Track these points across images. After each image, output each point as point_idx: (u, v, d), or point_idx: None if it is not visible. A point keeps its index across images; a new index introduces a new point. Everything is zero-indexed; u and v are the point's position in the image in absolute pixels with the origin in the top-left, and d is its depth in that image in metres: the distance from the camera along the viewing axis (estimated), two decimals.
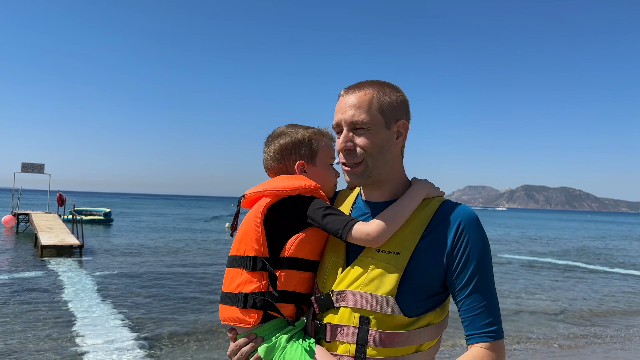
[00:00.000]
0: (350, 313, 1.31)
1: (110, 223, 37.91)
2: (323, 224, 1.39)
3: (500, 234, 42.39)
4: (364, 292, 1.30)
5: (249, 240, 1.41)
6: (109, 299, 11.24)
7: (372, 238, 1.33)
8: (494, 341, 1.29)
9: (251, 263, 1.39)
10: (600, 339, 9.30)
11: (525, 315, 11.09)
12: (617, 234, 52.03)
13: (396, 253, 1.32)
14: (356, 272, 1.34)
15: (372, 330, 1.28)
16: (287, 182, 1.46)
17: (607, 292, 14.66)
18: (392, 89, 1.43)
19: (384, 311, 1.28)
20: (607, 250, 30.44)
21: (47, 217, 27.36)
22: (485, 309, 1.30)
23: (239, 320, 1.39)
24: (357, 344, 1.29)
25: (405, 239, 1.34)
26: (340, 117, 1.39)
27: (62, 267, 15.71)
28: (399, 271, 1.30)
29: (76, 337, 8.23)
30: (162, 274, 15.18)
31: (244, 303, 1.37)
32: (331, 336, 1.33)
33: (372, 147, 1.36)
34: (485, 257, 1.33)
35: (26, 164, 31.77)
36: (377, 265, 1.32)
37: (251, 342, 1.38)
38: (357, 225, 1.35)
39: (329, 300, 1.35)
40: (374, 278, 1.31)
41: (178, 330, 8.84)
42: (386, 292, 1.29)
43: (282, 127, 1.62)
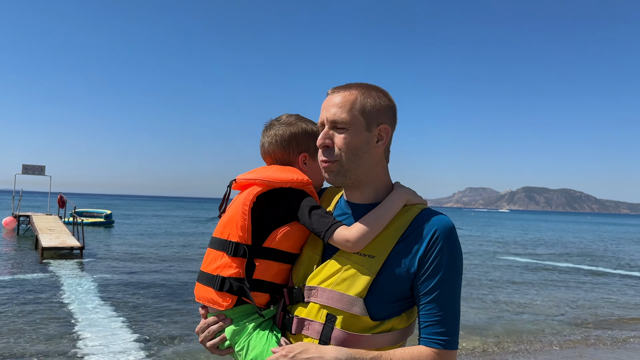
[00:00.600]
0: (319, 309, 1.34)
1: (112, 225, 37.88)
2: (309, 222, 1.41)
3: (504, 236, 42.32)
4: (335, 290, 1.33)
5: (234, 226, 1.43)
6: (109, 301, 11.23)
7: (352, 244, 1.35)
8: (443, 349, 1.29)
9: (233, 248, 1.41)
10: (600, 342, 9.28)
11: (525, 317, 11.07)
12: (619, 235, 51.94)
13: (371, 257, 1.34)
14: (330, 270, 1.37)
15: (336, 329, 1.31)
16: (280, 174, 1.48)
17: (608, 294, 14.65)
18: (379, 92, 1.43)
19: (352, 311, 1.31)
20: (609, 252, 30.40)
21: (47, 219, 27.34)
22: (443, 319, 1.31)
23: (212, 302, 1.43)
24: (321, 340, 1.32)
25: (381, 244, 1.36)
26: (323, 114, 1.41)
27: (62, 269, 15.70)
28: (372, 274, 1.32)
29: (77, 339, 8.22)
30: (163, 275, 15.17)
31: (221, 286, 1.40)
32: (297, 329, 1.37)
33: (348, 147, 1.37)
34: (453, 268, 1.33)
35: (27, 166, 31.75)
36: (351, 267, 1.35)
37: (220, 321, 1.44)
38: (339, 230, 1.37)
39: (300, 294, 1.39)
40: (346, 278, 1.33)
41: (179, 332, 8.83)
42: (356, 293, 1.31)
43: (291, 116, 1.63)
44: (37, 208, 45.42)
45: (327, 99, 1.43)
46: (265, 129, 1.63)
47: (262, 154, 1.63)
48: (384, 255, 1.34)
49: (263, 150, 1.63)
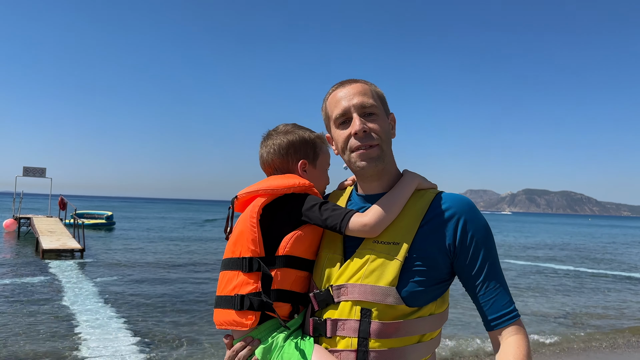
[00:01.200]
0: (351, 306, 1.30)
1: (112, 227, 37.87)
2: (321, 219, 1.39)
3: (509, 239, 42.26)
4: (365, 284, 1.29)
5: (245, 242, 1.40)
6: (110, 303, 11.22)
7: (370, 228, 1.33)
8: (518, 320, 1.32)
9: (247, 264, 1.38)
10: (602, 345, 9.26)
11: (526, 319, 11.05)
12: (621, 238, 51.85)
13: (395, 243, 1.32)
14: (355, 265, 1.33)
15: (374, 322, 1.27)
16: (281, 181, 1.47)
17: (609, 297, 14.61)
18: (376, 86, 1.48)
19: (386, 302, 1.27)
20: (610, 254, 30.35)
21: (48, 221, 27.34)
22: (502, 292, 1.32)
23: (235, 324, 1.37)
24: (359, 337, 1.27)
25: (403, 229, 1.34)
26: (346, 104, 1.38)
27: (63, 271, 15.70)
28: (399, 261, 1.30)
29: (77, 341, 8.22)
30: (163, 277, 15.17)
31: (241, 305, 1.36)
32: (331, 332, 1.31)
33: (383, 131, 1.39)
34: (491, 242, 1.35)
35: (28, 168, 31.77)
36: (376, 257, 1.32)
37: (248, 345, 1.36)
38: (354, 217, 1.35)
39: (328, 296, 1.34)
40: (374, 269, 1.30)
41: (179, 334, 8.82)
42: (387, 282, 1.28)
43: (287, 125, 1.63)
44: (37, 210, 45.49)
45: (340, 91, 1.41)
46: (264, 140, 1.62)
47: (262, 164, 1.62)
48: (408, 239, 1.32)
49: (262, 161, 1.61)
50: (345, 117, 1.39)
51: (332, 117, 1.43)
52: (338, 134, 1.41)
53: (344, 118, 1.39)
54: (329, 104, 1.44)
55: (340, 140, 1.41)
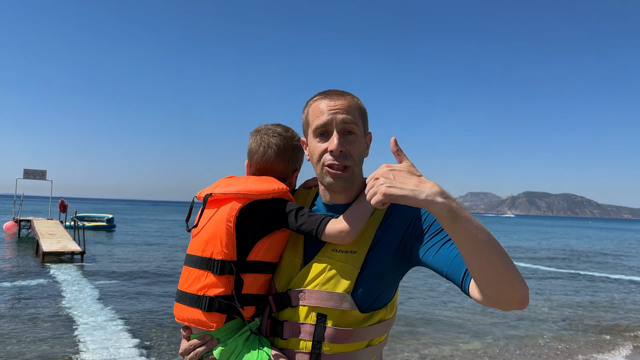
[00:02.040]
0: (308, 311, 1.35)
1: (113, 229, 37.89)
2: (297, 225, 1.41)
3: (513, 242, 42.19)
4: (322, 290, 1.35)
5: (218, 244, 1.39)
6: (110, 306, 11.23)
7: (346, 234, 1.36)
8: None
9: (219, 267, 1.37)
10: (602, 347, 9.25)
11: (526, 322, 11.03)
12: (621, 241, 51.80)
13: (353, 252, 1.37)
14: (314, 271, 1.38)
15: (328, 328, 1.33)
16: (260, 185, 1.45)
17: (610, 299, 14.61)
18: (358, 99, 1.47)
19: (341, 307, 1.33)
20: (610, 256, 30.34)
21: (48, 224, 27.35)
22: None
23: (200, 323, 1.38)
24: (314, 340, 1.33)
25: (361, 238, 1.39)
26: (329, 117, 1.37)
27: (63, 273, 15.69)
28: (356, 269, 1.35)
29: (77, 344, 8.22)
30: (164, 280, 15.15)
31: (209, 306, 1.36)
32: (288, 334, 1.37)
33: (358, 154, 1.41)
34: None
35: (28, 171, 31.80)
36: (334, 265, 1.37)
37: (205, 343, 1.39)
38: (330, 224, 1.38)
39: (287, 299, 1.39)
40: (332, 277, 1.36)
41: (179, 337, 8.78)
42: (343, 289, 1.34)
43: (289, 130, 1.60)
44: (38, 213, 45.50)
45: (327, 103, 1.40)
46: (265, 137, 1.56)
47: (260, 163, 1.56)
48: (365, 248, 1.38)
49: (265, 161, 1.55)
50: (325, 130, 1.39)
51: (311, 126, 1.42)
52: (315, 145, 1.41)
53: (323, 130, 1.39)
54: (311, 111, 1.43)
55: (315, 152, 1.41)
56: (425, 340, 9.08)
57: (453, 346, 8.81)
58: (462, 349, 8.67)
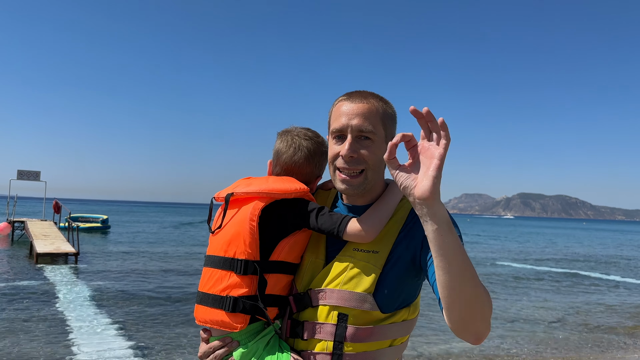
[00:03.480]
0: (329, 311, 1.34)
1: (108, 230, 37.72)
2: (318, 224, 1.40)
3: (507, 243, 42.32)
4: (343, 290, 1.34)
5: (241, 244, 1.38)
6: (104, 307, 11.17)
7: (367, 233, 1.36)
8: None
9: (242, 267, 1.36)
10: (598, 347, 9.29)
11: (521, 322, 11.07)
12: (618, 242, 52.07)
13: (375, 252, 1.37)
14: (335, 271, 1.37)
15: (349, 327, 1.32)
16: (281, 185, 1.45)
17: (605, 299, 14.67)
18: (389, 103, 1.46)
19: (362, 308, 1.32)
20: (605, 258, 30.49)
21: (42, 225, 27.22)
22: None
23: (224, 325, 1.36)
24: (335, 340, 1.32)
25: (383, 238, 1.38)
26: (345, 122, 1.37)
27: (57, 275, 15.61)
28: (378, 269, 1.34)
29: (71, 346, 8.17)
30: (159, 282, 15.10)
31: (234, 307, 1.35)
32: (308, 334, 1.36)
33: (374, 159, 1.38)
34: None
35: (22, 172, 31.65)
36: (356, 264, 1.36)
37: (226, 345, 1.37)
38: (352, 223, 1.37)
39: (308, 299, 1.38)
40: (353, 276, 1.35)
41: (173, 339, 8.79)
42: (365, 289, 1.33)
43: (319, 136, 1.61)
44: (32, 214, 45.26)
45: (346, 105, 1.40)
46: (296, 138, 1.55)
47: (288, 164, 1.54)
48: (387, 248, 1.37)
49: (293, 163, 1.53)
50: (341, 134, 1.40)
51: (330, 127, 1.44)
52: (331, 146, 1.44)
53: (339, 134, 1.40)
54: (333, 113, 1.44)
55: (330, 153, 1.44)
56: (420, 339, 9.09)
57: (448, 345, 8.82)
58: (457, 348, 8.68)
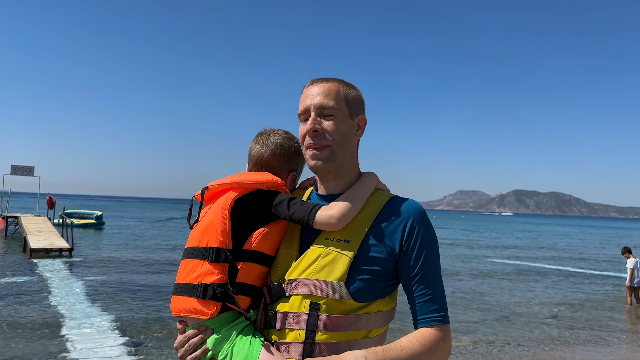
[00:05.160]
0: (301, 300, 1.35)
1: (102, 226, 37.59)
2: (289, 214, 1.44)
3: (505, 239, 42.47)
4: (316, 279, 1.35)
5: (214, 232, 1.43)
6: (98, 303, 11.13)
7: (336, 220, 1.38)
8: (442, 325, 1.37)
9: (214, 254, 1.40)
10: (589, 341, 9.34)
11: (517, 318, 11.12)
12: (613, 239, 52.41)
13: (347, 241, 1.38)
14: (308, 260, 1.39)
15: (321, 316, 1.32)
16: (254, 177, 1.52)
17: (597, 294, 14.77)
18: (353, 86, 1.53)
19: (334, 297, 1.33)
20: (597, 253, 30.70)
21: (36, 220, 27.11)
22: (434, 297, 1.38)
23: (195, 312, 1.38)
24: (307, 329, 1.33)
25: (355, 228, 1.40)
26: (308, 102, 1.45)
27: (51, 270, 15.54)
28: (349, 258, 1.36)
29: (65, 342, 8.13)
30: (153, 277, 15.08)
31: (204, 294, 1.37)
32: (281, 324, 1.37)
33: (338, 133, 1.44)
34: (434, 248, 1.42)
35: (16, 167, 31.47)
36: (328, 253, 1.37)
37: (200, 333, 1.39)
38: (321, 210, 1.40)
39: (281, 289, 1.40)
40: (325, 265, 1.36)
41: (167, 334, 8.78)
42: (337, 277, 1.34)
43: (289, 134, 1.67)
44: (25, 209, 45.05)
45: (309, 89, 1.48)
46: (267, 135, 1.64)
47: (257, 158, 1.62)
48: (359, 238, 1.39)
49: (260, 156, 1.61)
50: (306, 115, 1.47)
51: (298, 112, 1.52)
52: (300, 129, 1.51)
53: (305, 115, 1.47)
54: (301, 99, 1.52)
55: (300, 135, 1.51)
56: None
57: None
58: (452, 345, 8.69)
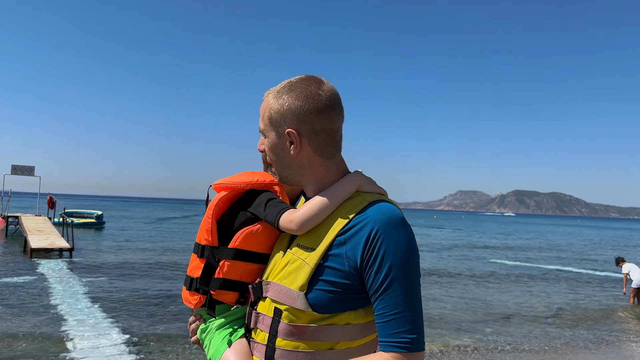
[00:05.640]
0: (270, 303, 1.35)
1: (103, 226, 37.60)
2: (264, 215, 1.45)
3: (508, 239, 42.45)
4: (281, 284, 1.33)
5: (203, 230, 1.54)
6: (98, 303, 11.15)
7: (295, 225, 1.33)
8: (406, 353, 1.19)
9: (200, 250, 1.54)
10: (588, 343, 9.35)
11: (516, 319, 11.13)
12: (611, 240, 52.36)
13: (311, 249, 1.30)
14: (281, 264, 1.37)
15: (282, 322, 1.30)
16: (245, 177, 1.57)
17: (595, 296, 14.78)
18: (291, 94, 1.37)
19: (294, 305, 1.28)
20: (596, 254, 30.68)
21: (37, 220, 27.12)
22: (398, 317, 1.21)
23: (186, 301, 1.59)
24: (270, 333, 1.32)
25: (321, 235, 1.31)
26: None
27: (51, 270, 15.56)
28: (310, 267, 1.28)
29: (65, 341, 8.15)
30: (153, 277, 15.09)
31: (190, 285, 1.55)
32: (254, 323, 1.39)
33: (270, 151, 1.45)
34: (402, 262, 1.23)
35: (16, 166, 31.47)
36: (295, 260, 1.33)
37: (197, 321, 1.59)
38: (285, 214, 1.37)
39: (260, 289, 1.41)
40: (291, 272, 1.32)
41: (167, 333, 8.77)
42: (298, 287, 1.28)
43: None
44: (26, 209, 45.08)
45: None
46: None
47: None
48: (322, 247, 1.29)
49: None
50: None
51: None
52: None
53: None
54: None
55: None
56: None
57: (443, 342, 8.86)
58: (451, 345, 8.72)
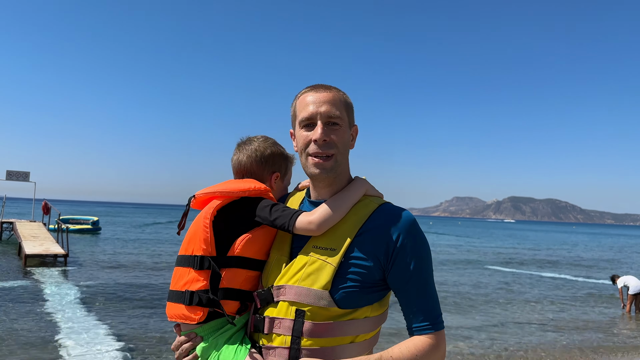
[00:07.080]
0: (288, 306, 1.38)
1: (98, 232, 37.42)
2: (271, 219, 1.47)
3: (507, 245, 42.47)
4: (301, 286, 1.37)
5: (197, 241, 1.49)
6: (93, 309, 11.09)
7: (315, 226, 1.40)
8: (434, 332, 1.38)
9: (198, 262, 1.47)
10: (585, 349, 9.36)
11: (512, 325, 11.13)
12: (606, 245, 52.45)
13: (332, 249, 1.40)
14: (295, 267, 1.42)
15: (306, 322, 1.35)
16: (238, 185, 1.57)
17: (595, 303, 14.80)
18: (347, 94, 1.54)
19: (319, 304, 1.35)
20: (595, 261, 30.74)
21: (31, 226, 26.93)
22: (424, 305, 1.40)
23: (184, 317, 1.47)
24: (293, 335, 1.35)
25: (341, 236, 1.41)
26: (314, 109, 1.45)
27: (46, 276, 15.47)
28: (333, 266, 1.37)
29: (60, 348, 8.10)
30: (148, 283, 15.01)
31: (190, 300, 1.45)
32: (268, 328, 1.40)
33: (342, 143, 1.46)
34: (423, 256, 1.42)
35: (11, 172, 31.31)
36: (314, 261, 1.40)
37: (191, 340, 1.48)
38: (301, 216, 1.43)
39: (270, 295, 1.43)
40: (311, 273, 1.38)
41: (162, 340, 8.74)
42: (321, 286, 1.36)
43: (269, 138, 1.74)
44: (21, 215, 44.77)
45: (311, 95, 1.48)
46: (243, 145, 1.71)
47: (237, 167, 1.69)
48: (344, 246, 1.39)
49: (239, 164, 1.68)
50: (310, 122, 1.46)
51: (298, 118, 1.50)
52: (301, 135, 1.49)
53: (308, 122, 1.46)
54: (298, 104, 1.51)
55: (301, 141, 1.48)
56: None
57: None
58: (447, 348, 8.70)
